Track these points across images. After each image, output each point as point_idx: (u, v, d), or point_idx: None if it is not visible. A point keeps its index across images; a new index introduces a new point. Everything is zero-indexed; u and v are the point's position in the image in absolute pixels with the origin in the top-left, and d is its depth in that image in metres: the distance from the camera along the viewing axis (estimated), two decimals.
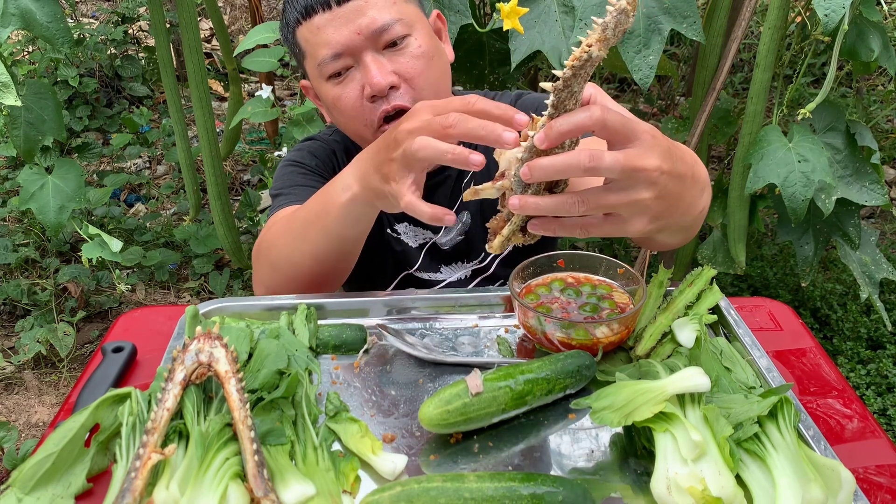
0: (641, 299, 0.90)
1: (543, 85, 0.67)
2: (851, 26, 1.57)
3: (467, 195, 0.76)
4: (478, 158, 0.71)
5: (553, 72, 0.69)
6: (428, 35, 1.07)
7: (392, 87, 1.02)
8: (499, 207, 0.78)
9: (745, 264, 1.93)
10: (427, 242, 1.23)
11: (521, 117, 0.72)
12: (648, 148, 0.68)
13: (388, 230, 1.23)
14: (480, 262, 1.24)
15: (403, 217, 1.22)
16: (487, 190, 0.75)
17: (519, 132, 0.71)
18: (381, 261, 1.23)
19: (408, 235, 1.23)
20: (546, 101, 0.68)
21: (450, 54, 1.14)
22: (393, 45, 1.02)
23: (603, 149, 0.69)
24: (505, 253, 1.20)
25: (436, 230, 1.22)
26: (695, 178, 0.76)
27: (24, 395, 2.33)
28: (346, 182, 0.90)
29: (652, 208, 0.71)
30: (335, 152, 1.24)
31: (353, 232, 0.96)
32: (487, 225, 0.80)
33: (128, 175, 3.38)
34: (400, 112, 1.03)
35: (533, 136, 0.69)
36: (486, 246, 0.79)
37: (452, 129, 0.73)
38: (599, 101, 0.72)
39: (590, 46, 0.63)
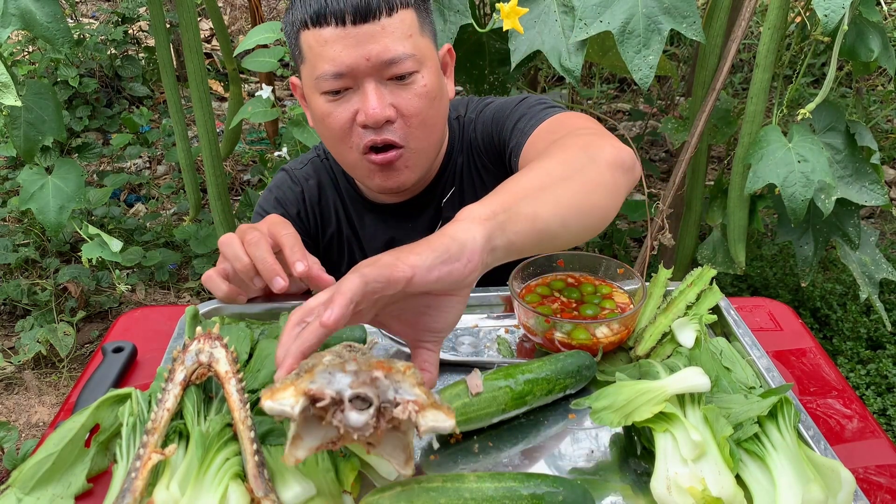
0: (641, 299, 0.90)
1: None
2: (851, 26, 1.57)
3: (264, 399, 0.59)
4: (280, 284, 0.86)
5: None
6: (436, 74, 1.03)
7: (387, 121, 0.99)
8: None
9: (745, 264, 1.93)
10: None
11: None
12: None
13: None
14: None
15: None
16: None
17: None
18: None
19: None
20: None
21: (451, 91, 1.11)
22: (398, 78, 0.98)
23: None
24: None
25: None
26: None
27: (24, 395, 2.33)
28: None
29: None
30: (304, 192, 1.22)
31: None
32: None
33: (128, 175, 3.38)
34: (387, 146, 1.01)
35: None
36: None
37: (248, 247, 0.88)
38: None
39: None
